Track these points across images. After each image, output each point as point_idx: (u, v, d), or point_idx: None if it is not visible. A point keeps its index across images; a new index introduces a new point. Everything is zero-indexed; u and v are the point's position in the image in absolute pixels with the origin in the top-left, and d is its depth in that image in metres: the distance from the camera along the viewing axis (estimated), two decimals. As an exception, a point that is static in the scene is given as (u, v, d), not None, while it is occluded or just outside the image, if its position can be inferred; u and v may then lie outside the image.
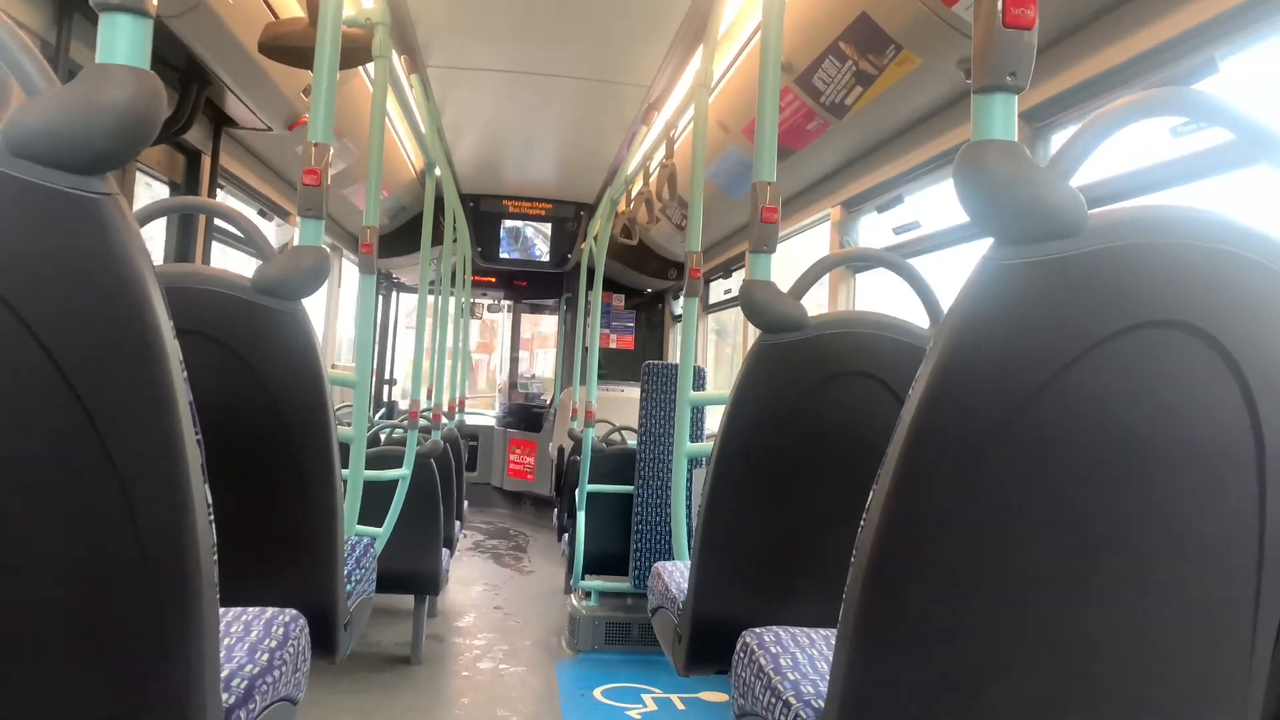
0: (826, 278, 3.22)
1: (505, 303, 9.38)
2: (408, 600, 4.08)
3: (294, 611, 1.41)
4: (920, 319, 1.82)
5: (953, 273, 3.45)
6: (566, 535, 5.11)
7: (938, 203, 3.22)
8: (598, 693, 3.66)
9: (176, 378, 0.89)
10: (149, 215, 1.74)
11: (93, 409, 0.86)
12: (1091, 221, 0.90)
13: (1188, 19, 1.84)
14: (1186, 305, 0.91)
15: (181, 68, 2.97)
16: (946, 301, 0.95)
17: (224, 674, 1.11)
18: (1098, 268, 0.90)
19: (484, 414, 9.33)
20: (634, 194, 4.92)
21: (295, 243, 1.77)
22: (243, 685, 1.13)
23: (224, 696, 1.06)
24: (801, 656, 1.34)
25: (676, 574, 2.07)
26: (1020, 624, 0.96)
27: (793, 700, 1.20)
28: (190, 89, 3.02)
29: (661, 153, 3.94)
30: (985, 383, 0.91)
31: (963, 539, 0.93)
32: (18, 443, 0.87)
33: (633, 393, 6.57)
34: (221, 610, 1.04)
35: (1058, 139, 2.41)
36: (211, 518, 0.95)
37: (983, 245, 0.93)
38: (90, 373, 0.86)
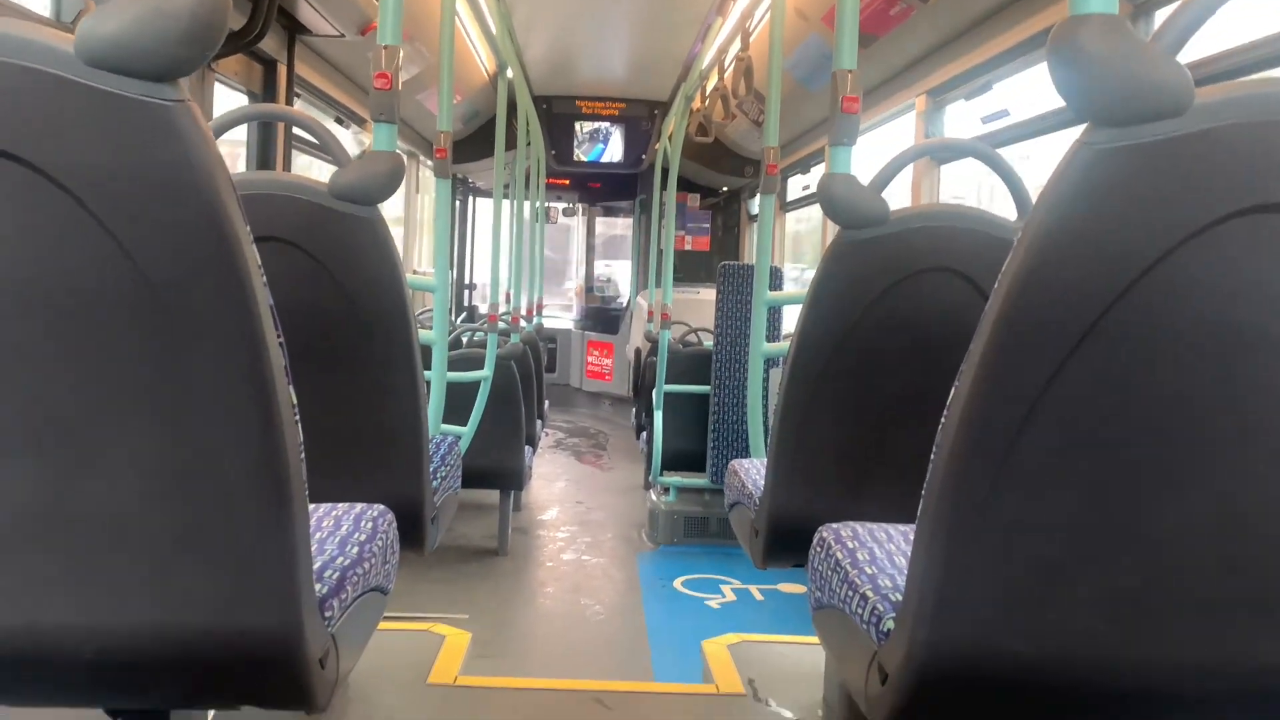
0: (910, 169, 3.12)
1: (579, 205, 9.35)
2: (494, 496, 4.23)
3: (381, 506, 1.47)
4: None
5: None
6: (644, 434, 5.20)
7: (1028, 90, 3.06)
8: (678, 583, 3.77)
9: (256, 281, 0.91)
10: (225, 125, 1.76)
11: (176, 313, 0.89)
12: (1198, 100, 0.84)
13: None
14: None
15: (253, -26, 2.96)
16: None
17: (316, 566, 1.17)
18: (1204, 149, 0.84)
19: (561, 316, 9.43)
20: (709, 90, 4.79)
21: (369, 148, 1.78)
22: (334, 576, 1.18)
23: (317, 587, 1.12)
24: (879, 551, 1.35)
25: (753, 471, 2.09)
26: (1107, 519, 0.94)
27: (869, 594, 1.22)
28: (263, -4, 3.02)
29: (737, 45, 3.81)
30: (1080, 273, 0.87)
31: (1049, 433, 0.91)
32: (106, 347, 0.91)
33: (708, 294, 6.53)
34: (312, 506, 1.09)
35: (1161, 16, 2.25)
36: (297, 417, 0.99)
37: (1075, 134, 0.88)
38: (171, 277, 0.88)
